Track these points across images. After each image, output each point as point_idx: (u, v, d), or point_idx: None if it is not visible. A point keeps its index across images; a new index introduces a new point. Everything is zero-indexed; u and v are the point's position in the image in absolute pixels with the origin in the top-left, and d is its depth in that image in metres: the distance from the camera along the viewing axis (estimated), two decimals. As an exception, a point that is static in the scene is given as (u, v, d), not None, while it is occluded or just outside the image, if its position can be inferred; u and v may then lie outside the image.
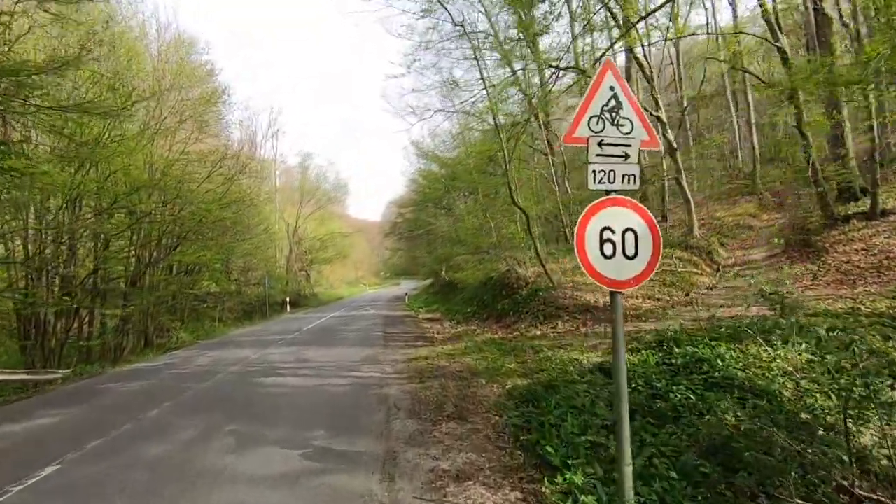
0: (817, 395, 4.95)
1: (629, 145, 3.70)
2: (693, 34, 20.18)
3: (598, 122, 3.71)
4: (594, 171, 3.61)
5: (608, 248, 3.52)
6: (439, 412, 6.07)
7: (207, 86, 23.40)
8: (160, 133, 19.70)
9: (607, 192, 3.61)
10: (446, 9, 13.17)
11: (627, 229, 3.56)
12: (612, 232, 3.55)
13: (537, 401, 6.02)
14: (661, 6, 13.09)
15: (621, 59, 21.91)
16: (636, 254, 3.53)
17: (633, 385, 6.33)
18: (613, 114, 3.74)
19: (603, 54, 16.93)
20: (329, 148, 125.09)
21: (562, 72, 15.83)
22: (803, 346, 6.39)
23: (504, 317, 14.25)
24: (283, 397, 7.37)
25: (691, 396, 5.94)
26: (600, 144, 3.64)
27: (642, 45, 17.99)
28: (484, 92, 15.38)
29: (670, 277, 14.25)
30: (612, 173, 3.64)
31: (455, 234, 18.23)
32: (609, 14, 15.77)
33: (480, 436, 5.17)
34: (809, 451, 3.71)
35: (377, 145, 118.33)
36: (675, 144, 18.09)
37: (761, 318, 8.57)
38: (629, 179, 3.67)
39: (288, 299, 31.49)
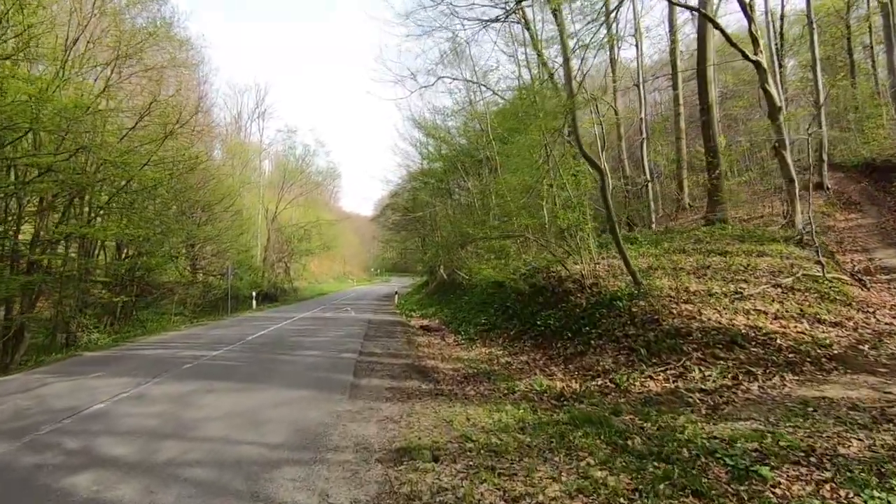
0: None
1: None
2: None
3: None
4: None
5: None
6: None
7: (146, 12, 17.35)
8: (73, 65, 13.88)
9: None
10: None
11: None
12: None
13: None
14: None
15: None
16: None
17: None
18: None
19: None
20: (322, 139, 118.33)
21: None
22: None
23: (553, 339, 8.45)
24: None
25: None
26: None
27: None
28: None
29: (815, 286, 8.60)
30: None
31: (493, 197, 12.05)
32: None
33: None
34: None
35: (371, 140, 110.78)
36: (779, 101, 12.46)
37: None
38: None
39: (255, 293, 25.46)
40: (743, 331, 6.34)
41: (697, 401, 4.85)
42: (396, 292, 25.93)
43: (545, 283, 10.61)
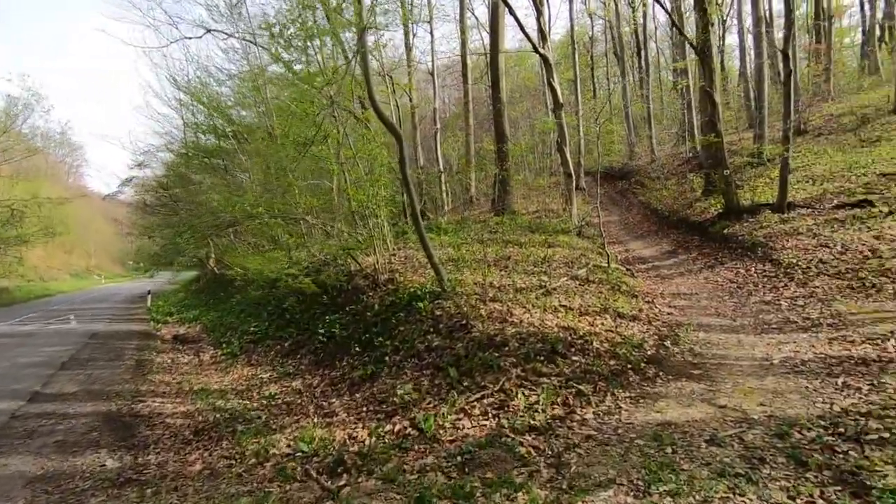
0: None
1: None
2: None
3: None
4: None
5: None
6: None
7: None
8: None
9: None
10: None
11: None
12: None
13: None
14: None
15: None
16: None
17: None
18: None
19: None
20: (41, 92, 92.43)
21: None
22: None
23: (338, 354, 6.33)
24: None
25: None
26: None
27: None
28: None
29: (605, 276, 8.45)
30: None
31: (272, 167, 8.84)
32: None
33: None
34: None
35: (129, 109, 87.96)
36: (560, 97, 12.71)
37: None
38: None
39: None
40: (559, 334, 5.26)
41: (531, 450, 3.34)
42: (150, 291, 20.30)
43: (330, 279, 8.42)
